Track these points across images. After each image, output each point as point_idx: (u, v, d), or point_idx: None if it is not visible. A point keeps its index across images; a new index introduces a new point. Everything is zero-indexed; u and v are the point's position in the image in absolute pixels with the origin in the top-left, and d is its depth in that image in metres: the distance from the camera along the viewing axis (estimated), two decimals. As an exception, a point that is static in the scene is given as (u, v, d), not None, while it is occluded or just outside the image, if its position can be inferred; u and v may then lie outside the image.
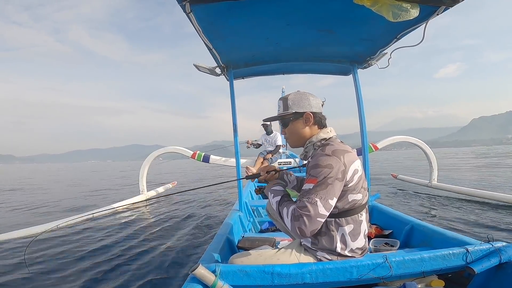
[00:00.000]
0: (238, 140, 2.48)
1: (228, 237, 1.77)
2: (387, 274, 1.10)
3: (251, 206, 3.12)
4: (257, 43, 1.98)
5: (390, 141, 6.14)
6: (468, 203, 4.38)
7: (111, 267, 2.38)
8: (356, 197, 1.15)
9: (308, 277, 1.07)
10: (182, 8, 1.33)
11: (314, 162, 1.11)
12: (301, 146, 1.31)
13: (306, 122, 1.26)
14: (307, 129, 1.27)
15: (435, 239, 1.57)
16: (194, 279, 1.03)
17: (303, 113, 1.25)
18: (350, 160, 1.12)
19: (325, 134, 1.25)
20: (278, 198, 1.24)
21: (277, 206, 1.22)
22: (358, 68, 2.45)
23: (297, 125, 1.27)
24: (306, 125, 1.26)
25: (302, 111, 1.25)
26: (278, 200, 1.24)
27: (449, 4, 1.41)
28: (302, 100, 1.25)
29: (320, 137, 1.24)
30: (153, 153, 6.36)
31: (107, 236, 3.36)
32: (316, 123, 1.27)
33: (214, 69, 2.39)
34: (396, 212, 2.13)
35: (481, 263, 1.13)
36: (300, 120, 1.26)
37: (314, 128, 1.27)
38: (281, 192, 1.28)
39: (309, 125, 1.26)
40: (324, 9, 1.50)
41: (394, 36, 1.85)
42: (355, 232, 1.17)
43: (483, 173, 9.17)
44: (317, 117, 1.26)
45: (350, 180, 1.11)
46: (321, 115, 1.28)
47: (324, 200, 1.05)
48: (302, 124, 1.26)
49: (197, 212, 4.60)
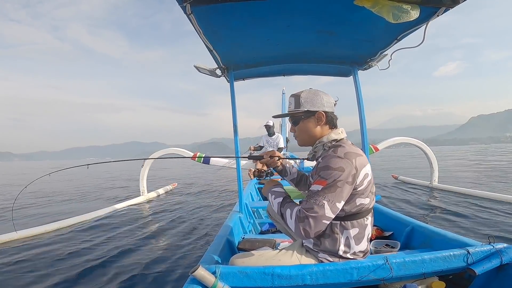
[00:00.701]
0: (238, 140, 2.48)
1: (228, 238, 1.77)
2: (387, 275, 1.09)
3: (251, 208, 3.12)
4: (258, 45, 1.98)
5: (391, 142, 6.15)
6: (469, 204, 4.36)
7: (111, 268, 2.38)
8: (364, 201, 1.13)
9: (309, 278, 1.07)
10: (183, 10, 1.33)
11: (325, 163, 1.08)
12: (310, 145, 1.28)
13: (317, 121, 1.22)
14: (318, 129, 1.23)
15: (435, 240, 1.56)
16: (194, 281, 1.02)
17: (315, 112, 1.21)
18: (362, 164, 1.09)
19: (337, 135, 1.22)
20: (280, 200, 1.22)
21: (279, 207, 1.20)
22: (358, 70, 2.45)
23: (308, 124, 1.24)
24: (317, 124, 1.23)
25: (314, 109, 1.21)
26: (280, 201, 1.21)
27: (449, 5, 1.41)
28: (315, 99, 1.22)
29: (331, 138, 1.21)
30: (153, 154, 6.37)
31: (107, 237, 3.36)
32: (328, 123, 1.23)
33: (214, 70, 2.40)
34: (397, 213, 2.13)
35: (482, 265, 1.12)
36: (312, 119, 1.23)
37: (325, 128, 1.24)
38: (283, 194, 1.26)
39: (321, 124, 1.23)
40: (325, 11, 1.50)
41: (395, 37, 1.85)
42: (360, 236, 1.15)
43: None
44: (329, 117, 1.23)
45: (360, 184, 1.09)
46: (333, 114, 1.25)
47: (332, 203, 1.02)
48: (313, 123, 1.23)
49: (197, 213, 4.60)
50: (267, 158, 1.43)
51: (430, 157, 5.84)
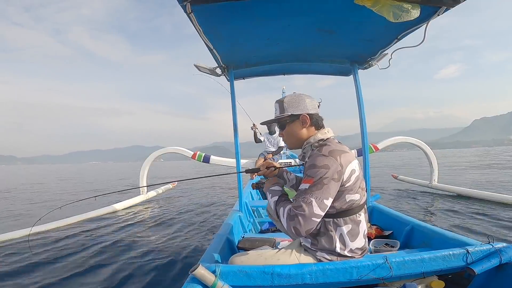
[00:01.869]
0: (238, 139, 2.48)
1: (228, 237, 1.77)
2: (387, 274, 1.10)
3: (251, 207, 3.12)
4: (258, 44, 1.98)
5: (390, 142, 6.15)
6: (468, 204, 4.37)
7: (111, 267, 2.38)
8: (354, 197, 1.15)
9: (308, 277, 1.07)
10: (183, 9, 1.33)
11: (311, 162, 1.12)
12: (299, 147, 1.32)
13: (303, 124, 1.26)
14: (304, 131, 1.27)
15: (435, 240, 1.57)
16: (194, 280, 1.03)
17: (299, 115, 1.25)
18: (347, 161, 1.12)
19: (323, 134, 1.25)
20: (275, 198, 1.25)
21: (275, 205, 1.23)
22: (358, 69, 2.44)
23: (294, 127, 1.28)
24: (303, 127, 1.27)
25: (298, 113, 1.25)
26: (275, 200, 1.24)
27: (450, 4, 1.41)
28: (298, 102, 1.26)
29: (318, 138, 1.24)
30: (153, 153, 6.36)
31: (106, 236, 3.36)
32: (313, 125, 1.27)
33: (214, 69, 2.39)
34: (396, 212, 2.13)
35: (481, 264, 1.13)
36: (297, 122, 1.27)
37: (311, 129, 1.28)
38: (279, 192, 1.28)
39: (306, 126, 1.26)
40: (325, 10, 1.50)
41: (395, 36, 1.85)
42: (354, 232, 1.17)
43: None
44: (314, 119, 1.27)
45: (347, 180, 1.12)
46: (318, 116, 1.28)
47: (319, 200, 1.05)
48: (299, 126, 1.27)
49: (197, 213, 4.60)
50: (264, 169, 1.46)
51: (430, 157, 5.83)
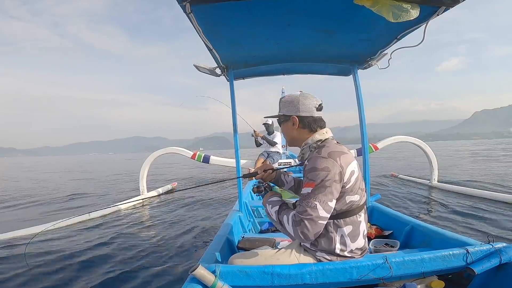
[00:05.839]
0: (238, 139, 2.48)
1: (228, 237, 1.77)
2: (387, 274, 1.10)
3: (251, 207, 3.12)
4: (258, 44, 1.98)
5: (390, 141, 6.15)
6: (469, 203, 4.36)
7: (110, 267, 2.38)
8: (354, 198, 1.15)
9: (308, 277, 1.07)
10: (182, 9, 1.33)
11: (311, 165, 1.12)
12: (297, 146, 1.33)
13: (293, 125, 1.28)
14: (295, 132, 1.28)
15: (435, 240, 1.57)
16: (194, 280, 1.03)
17: (290, 116, 1.27)
18: (347, 162, 1.12)
19: (321, 135, 1.25)
20: (276, 208, 1.25)
21: (277, 215, 1.23)
22: (358, 69, 2.44)
23: (287, 127, 1.31)
24: (293, 128, 1.28)
25: (289, 114, 1.27)
26: (277, 209, 1.24)
27: (449, 4, 1.40)
28: (291, 104, 1.27)
29: (316, 139, 1.24)
30: (153, 154, 6.36)
31: (105, 236, 3.35)
32: (306, 127, 1.26)
33: (214, 69, 2.39)
34: (396, 212, 2.13)
35: (481, 264, 1.13)
36: (289, 122, 1.29)
37: (304, 131, 1.27)
38: (279, 202, 1.29)
39: (296, 128, 1.27)
40: (325, 10, 1.50)
41: (395, 36, 1.85)
42: (354, 233, 1.17)
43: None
44: (305, 121, 1.26)
45: (348, 181, 1.12)
46: (312, 119, 1.26)
47: (324, 203, 1.05)
48: (290, 126, 1.29)
49: (196, 213, 4.59)
50: (261, 173, 1.45)
51: (429, 156, 5.83)
